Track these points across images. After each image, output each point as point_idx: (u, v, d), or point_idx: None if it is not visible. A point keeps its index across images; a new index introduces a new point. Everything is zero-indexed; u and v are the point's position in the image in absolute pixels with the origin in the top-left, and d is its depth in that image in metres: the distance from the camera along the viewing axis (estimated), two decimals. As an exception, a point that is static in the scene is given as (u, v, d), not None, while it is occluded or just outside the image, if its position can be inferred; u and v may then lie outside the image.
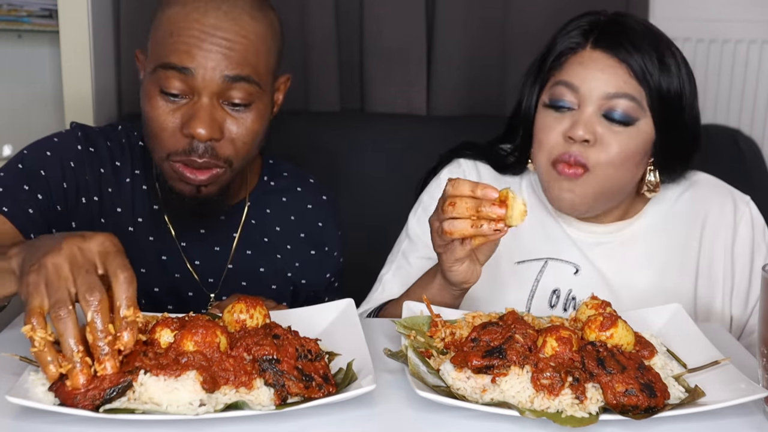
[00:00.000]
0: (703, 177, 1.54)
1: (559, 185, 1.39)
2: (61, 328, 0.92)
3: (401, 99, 2.44)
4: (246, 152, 1.38)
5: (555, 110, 1.39)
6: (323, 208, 1.61)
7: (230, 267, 1.52)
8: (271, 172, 1.59)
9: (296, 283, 1.58)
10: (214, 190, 1.39)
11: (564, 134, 1.37)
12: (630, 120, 1.36)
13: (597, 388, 0.99)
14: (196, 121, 1.31)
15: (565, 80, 1.38)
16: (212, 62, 1.30)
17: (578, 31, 1.40)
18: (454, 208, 1.15)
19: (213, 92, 1.31)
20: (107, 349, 0.94)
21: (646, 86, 1.35)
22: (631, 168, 1.39)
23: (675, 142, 1.41)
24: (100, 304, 0.93)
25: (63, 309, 0.93)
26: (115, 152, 1.48)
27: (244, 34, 1.32)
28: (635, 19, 1.41)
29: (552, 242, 1.49)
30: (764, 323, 1.03)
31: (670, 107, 1.37)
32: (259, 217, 1.55)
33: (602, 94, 1.35)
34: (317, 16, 2.38)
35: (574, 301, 1.45)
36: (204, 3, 1.32)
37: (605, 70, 1.36)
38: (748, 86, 2.69)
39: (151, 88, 1.34)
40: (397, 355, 1.09)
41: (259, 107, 1.36)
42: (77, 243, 0.96)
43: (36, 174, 1.37)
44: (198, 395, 0.93)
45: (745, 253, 1.49)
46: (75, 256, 0.95)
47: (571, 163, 1.36)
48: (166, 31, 1.32)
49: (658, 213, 1.50)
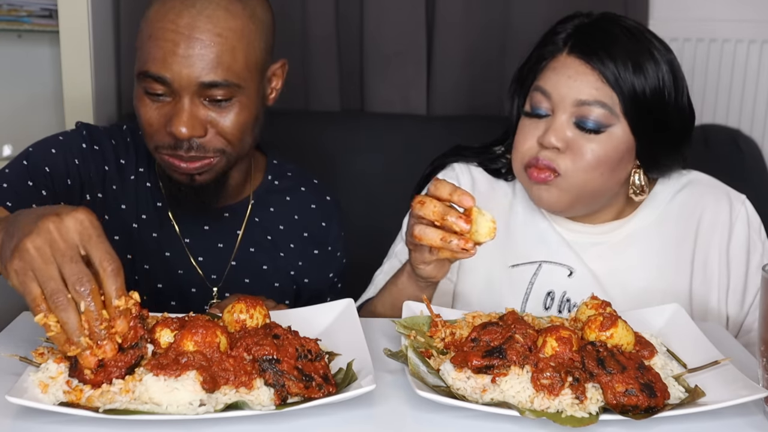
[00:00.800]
0: (699, 176, 1.54)
1: (532, 189, 1.41)
2: (63, 317, 0.93)
3: (401, 99, 2.44)
4: (239, 141, 1.39)
5: (532, 117, 1.40)
6: (327, 209, 1.62)
7: (233, 264, 1.52)
8: (275, 172, 1.60)
9: (299, 282, 1.58)
10: (208, 178, 1.40)
11: (538, 140, 1.38)
12: (601, 127, 1.35)
13: (597, 388, 0.99)
14: (177, 122, 1.33)
15: (541, 86, 1.39)
16: (186, 69, 1.31)
17: (561, 35, 1.40)
18: (422, 207, 1.16)
19: (192, 93, 1.33)
20: (104, 333, 0.95)
21: (619, 92, 1.35)
22: (605, 173, 1.38)
23: (660, 143, 1.41)
24: (91, 293, 0.94)
25: (61, 297, 0.93)
26: (120, 150, 1.50)
27: (219, 32, 1.32)
28: (619, 21, 1.40)
29: (546, 245, 1.49)
30: (764, 323, 1.03)
31: (648, 110, 1.37)
32: (262, 215, 1.56)
33: (573, 101, 1.35)
34: (317, 17, 2.38)
35: (569, 303, 1.45)
36: (180, 2, 1.33)
37: (576, 77, 1.35)
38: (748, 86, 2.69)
39: (138, 89, 1.37)
40: (397, 355, 1.09)
41: (243, 100, 1.37)
42: (54, 223, 0.95)
43: (40, 170, 1.40)
44: (198, 395, 0.93)
45: (740, 252, 1.48)
46: (55, 241, 0.95)
47: (541, 167, 1.37)
48: (146, 33, 1.34)
49: (653, 213, 1.50)
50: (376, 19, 2.40)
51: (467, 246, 1.14)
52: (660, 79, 1.37)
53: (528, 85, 1.43)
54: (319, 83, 2.42)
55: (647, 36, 1.39)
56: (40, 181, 1.38)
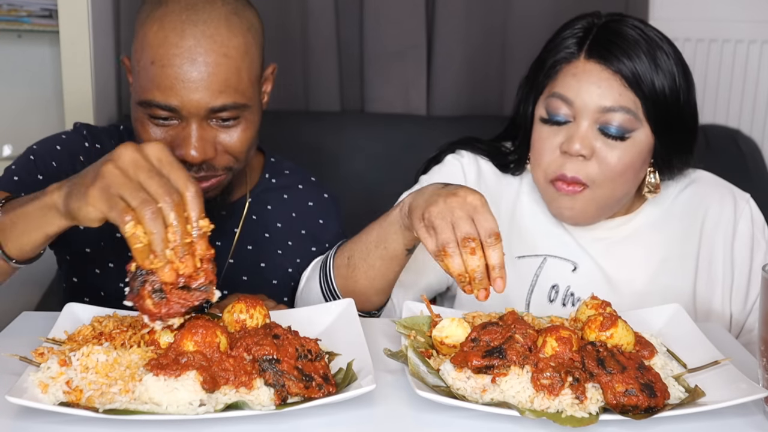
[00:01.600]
0: (704, 174, 1.54)
1: (558, 202, 1.40)
2: (152, 227, 0.95)
3: (401, 99, 2.44)
4: (244, 156, 1.40)
5: (551, 124, 1.38)
6: (324, 206, 1.62)
7: (231, 262, 1.53)
8: (272, 170, 1.60)
9: (297, 279, 1.58)
10: (216, 194, 1.41)
11: (560, 148, 1.37)
12: (626, 133, 1.35)
13: (597, 388, 0.99)
14: (187, 146, 1.32)
15: (560, 93, 1.37)
16: (196, 95, 1.29)
17: (573, 39, 1.39)
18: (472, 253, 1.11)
19: (201, 118, 1.32)
20: (185, 251, 0.97)
21: (641, 95, 1.34)
22: (631, 178, 1.39)
23: (675, 142, 1.41)
24: (178, 206, 0.96)
25: (152, 206, 0.95)
26: None
27: (224, 53, 1.30)
28: (628, 22, 1.39)
29: (551, 239, 1.49)
30: (764, 323, 1.03)
31: (667, 110, 1.37)
32: (260, 213, 1.56)
33: (597, 108, 1.34)
34: (318, 17, 2.38)
35: (573, 297, 1.46)
36: (180, 22, 1.29)
37: (600, 83, 1.34)
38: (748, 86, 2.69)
39: (139, 115, 1.35)
40: (397, 355, 1.09)
41: (248, 117, 1.37)
42: (134, 147, 0.98)
43: (48, 165, 1.41)
44: (198, 395, 0.93)
45: (744, 250, 1.49)
46: (138, 160, 0.97)
47: (569, 182, 1.36)
48: (147, 57, 1.31)
49: (658, 210, 1.51)
50: (376, 19, 2.40)
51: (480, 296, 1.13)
52: (674, 74, 1.37)
53: (540, 90, 1.42)
54: (319, 83, 2.42)
55: (656, 33, 1.39)
56: (49, 176, 1.39)
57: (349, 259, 1.35)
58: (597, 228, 1.49)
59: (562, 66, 1.39)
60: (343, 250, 1.39)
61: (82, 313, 1.17)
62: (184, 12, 1.30)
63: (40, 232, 1.08)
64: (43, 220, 1.07)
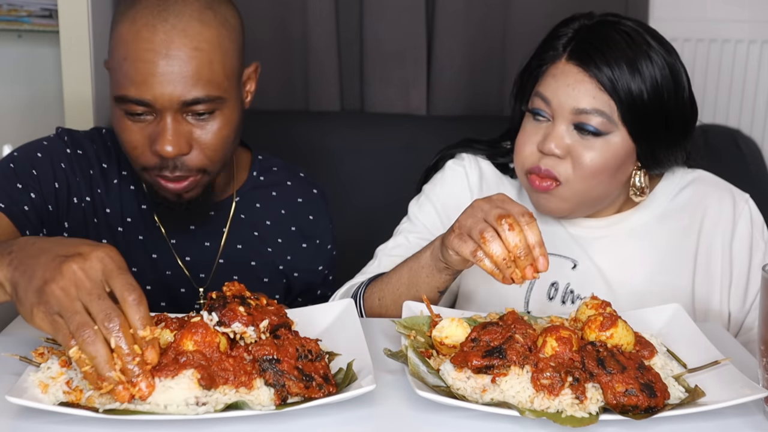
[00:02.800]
0: (703, 174, 1.55)
1: (535, 196, 1.42)
2: (92, 350, 0.91)
3: (401, 99, 2.44)
4: (221, 155, 1.39)
5: (534, 119, 1.41)
6: (314, 202, 1.62)
7: (221, 262, 1.52)
8: (260, 168, 1.60)
9: (288, 276, 1.58)
10: (196, 194, 1.41)
11: (537, 147, 1.39)
12: (599, 134, 1.36)
13: (597, 388, 0.99)
14: (162, 141, 1.32)
15: (541, 92, 1.40)
16: (168, 88, 1.29)
17: (561, 39, 1.40)
18: (510, 229, 1.13)
19: (174, 111, 1.32)
20: (138, 370, 0.93)
21: (617, 99, 1.35)
22: (605, 180, 1.39)
23: (660, 143, 1.41)
24: (121, 328, 0.93)
25: (88, 330, 0.92)
26: (102, 155, 1.50)
27: (196, 46, 1.30)
28: (618, 25, 1.40)
29: (550, 238, 1.48)
30: (764, 323, 1.03)
31: (646, 114, 1.37)
32: (248, 211, 1.56)
33: (571, 109, 1.36)
34: (317, 17, 2.38)
35: (572, 295, 1.46)
36: (152, 17, 1.30)
37: (575, 85, 1.36)
38: (748, 86, 2.69)
39: (116, 111, 1.35)
40: (397, 355, 1.09)
41: (225, 112, 1.37)
42: (78, 265, 0.94)
43: (28, 173, 1.39)
44: (192, 392, 0.93)
45: (743, 250, 1.49)
46: (81, 280, 0.94)
47: (543, 175, 1.38)
48: (120, 53, 1.32)
49: (657, 208, 1.51)
50: (376, 19, 2.40)
51: (518, 281, 1.14)
52: (657, 80, 1.37)
53: (530, 89, 1.43)
54: (319, 83, 2.42)
55: (646, 37, 1.39)
56: (29, 184, 1.38)
57: (380, 300, 1.37)
58: (595, 226, 1.49)
59: (547, 67, 1.41)
60: (373, 291, 1.39)
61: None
62: (155, 8, 1.31)
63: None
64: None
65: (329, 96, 2.43)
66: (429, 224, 1.53)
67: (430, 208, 1.54)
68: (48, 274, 0.94)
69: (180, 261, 1.50)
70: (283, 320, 1.04)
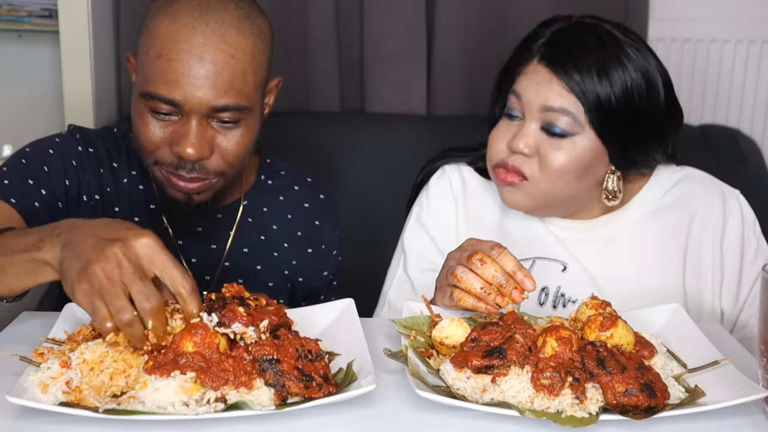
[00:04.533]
0: (692, 172, 1.54)
1: (502, 190, 1.45)
2: (129, 332, 0.98)
3: (401, 99, 2.44)
4: (238, 163, 1.40)
5: (507, 118, 1.44)
6: (321, 207, 1.61)
7: (226, 264, 1.52)
8: (268, 172, 1.60)
9: (293, 281, 1.58)
10: (207, 197, 1.41)
11: (507, 144, 1.42)
12: (567, 134, 1.38)
13: (597, 388, 0.99)
14: (185, 143, 1.32)
15: (515, 89, 1.42)
16: (200, 92, 1.29)
17: (538, 42, 1.42)
18: (482, 265, 1.17)
19: (202, 116, 1.32)
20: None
21: (584, 102, 1.36)
22: (572, 181, 1.40)
23: (633, 146, 1.42)
24: (159, 311, 0.99)
25: (127, 314, 0.97)
26: (112, 153, 1.50)
27: (232, 53, 1.31)
28: (594, 28, 1.40)
29: (538, 242, 1.49)
30: (764, 323, 1.03)
31: (615, 118, 1.37)
32: (255, 215, 1.56)
33: (539, 107, 1.38)
34: (317, 17, 2.38)
35: (563, 298, 1.46)
36: (192, 19, 1.30)
37: (542, 83, 1.39)
38: (748, 86, 2.69)
39: (140, 107, 1.35)
40: (397, 355, 1.09)
41: (249, 122, 1.37)
42: (121, 249, 0.98)
43: (39, 170, 1.39)
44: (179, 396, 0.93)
45: (734, 247, 1.49)
46: (123, 265, 0.98)
47: (509, 170, 1.41)
48: (155, 49, 1.31)
49: (645, 207, 1.51)
50: (376, 20, 2.40)
51: (503, 304, 1.16)
52: (627, 84, 1.37)
53: (506, 89, 1.45)
54: (319, 83, 2.42)
55: (621, 41, 1.40)
56: (40, 180, 1.38)
57: None
58: (582, 228, 1.49)
59: (522, 67, 1.43)
60: None
61: (82, 313, 1.17)
62: (197, 10, 1.31)
63: (32, 281, 1.09)
64: (36, 273, 1.08)
65: (329, 96, 2.43)
66: (425, 251, 1.54)
67: (422, 234, 1.55)
68: (93, 256, 0.98)
69: (186, 263, 1.50)
70: (282, 320, 1.04)
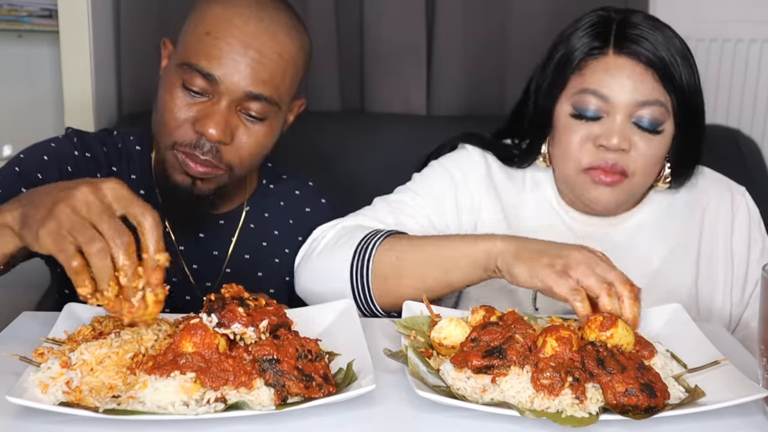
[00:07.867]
0: (701, 169, 1.55)
1: (594, 191, 1.41)
2: (98, 263, 0.94)
3: (401, 99, 2.44)
4: (249, 163, 1.40)
5: (579, 119, 1.40)
6: (322, 212, 1.61)
7: (227, 271, 1.52)
8: (270, 176, 1.59)
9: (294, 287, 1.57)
10: (210, 187, 1.40)
11: (595, 142, 1.38)
12: (658, 126, 1.38)
13: (597, 388, 0.99)
14: (209, 122, 1.32)
15: (592, 89, 1.38)
16: (239, 74, 1.31)
17: (593, 33, 1.39)
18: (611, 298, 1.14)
19: (233, 100, 1.33)
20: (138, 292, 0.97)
21: (671, 88, 1.37)
22: (658, 169, 1.44)
23: (691, 139, 1.44)
24: (129, 247, 0.96)
25: (98, 243, 0.94)
26: (112, 157, 1.49)
27: (279, 51, 1.34)
28: (645, 17, 1.41)
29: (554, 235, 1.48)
30: (764, 323, 1.03)
31: (691, 103, 1.40)
32: (257, 221, 1.55)
33: (632, 102, 1.36)
34: (318, 17, 2.38)
35: None
36: (247, 10, 1.33)
37: (633, 77, 1.36)
38: (748, 86, 2.69)
39: (173, 79, 1.35)
40: (397, 355, 1.09)
41: (273, 123, 1.38)
42: (89, 187, 0.97)
43: (33, 177, 1.38)
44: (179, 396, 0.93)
45: (742, 245, 1.50)
46: (91, 202, 0.96)
47: (608, 170, 1.38)
48: (203, 28, 1.33)
49: (659, 205, 1.51)
50: (377, 20, 2.40)
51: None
52: (694, 70, 1.40)
53: (562, 86, 1.42)
54: (319, 83, 2.42)
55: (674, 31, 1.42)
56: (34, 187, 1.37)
57: (398, 260, 1.32)
58: (600, 224, 1.49)
59: (588, 61, 1.39)
60: (393, 246, 1.33)
61: (82, 313, 1.17)
62: (254, 4, 1.35)
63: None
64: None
65: (329, 96, 2.43)
66: (436, 187, 1.50)
67: (441, 171, 1.52)
68: (59, 196, 0.97)
69: (187, 268, 1.50)
70: (282, 320, 1.04)
